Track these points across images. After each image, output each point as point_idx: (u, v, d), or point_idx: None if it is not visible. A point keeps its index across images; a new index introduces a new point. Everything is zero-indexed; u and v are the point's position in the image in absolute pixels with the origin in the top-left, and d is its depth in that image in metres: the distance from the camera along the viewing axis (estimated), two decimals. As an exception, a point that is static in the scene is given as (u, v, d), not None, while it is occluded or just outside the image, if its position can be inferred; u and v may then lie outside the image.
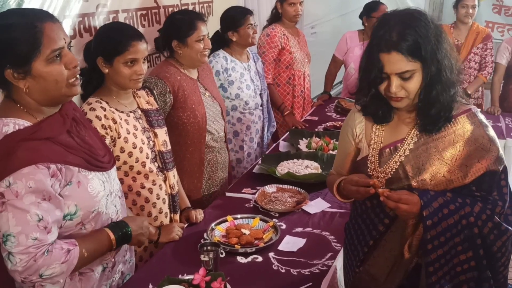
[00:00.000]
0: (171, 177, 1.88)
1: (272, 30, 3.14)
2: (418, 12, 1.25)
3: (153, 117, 1.84)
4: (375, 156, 1.37)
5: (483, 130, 1.29)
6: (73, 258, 1.22)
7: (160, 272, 1.58)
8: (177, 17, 2.19)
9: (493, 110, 3.52)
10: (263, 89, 2.87)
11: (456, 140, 1.28)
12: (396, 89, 1.24)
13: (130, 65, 1.67)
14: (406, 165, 1.31)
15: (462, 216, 1.24)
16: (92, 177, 1.29)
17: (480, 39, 3.57)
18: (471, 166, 1.27)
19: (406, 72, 1.22)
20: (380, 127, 1.38)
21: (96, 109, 1.65)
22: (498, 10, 5.46)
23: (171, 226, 1.83)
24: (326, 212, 2.01)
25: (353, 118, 1.44)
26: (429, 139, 1.30)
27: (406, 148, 1.32)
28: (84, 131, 1.33)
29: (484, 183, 1.28)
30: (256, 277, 1.59)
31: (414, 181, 1.30)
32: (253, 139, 2.85)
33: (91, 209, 1.28)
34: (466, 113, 1.30)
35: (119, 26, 1.85)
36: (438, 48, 1.22)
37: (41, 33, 1.15)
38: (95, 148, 1.33)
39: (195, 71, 2.27)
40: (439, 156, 1.28)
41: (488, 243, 1.26)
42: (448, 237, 1.25)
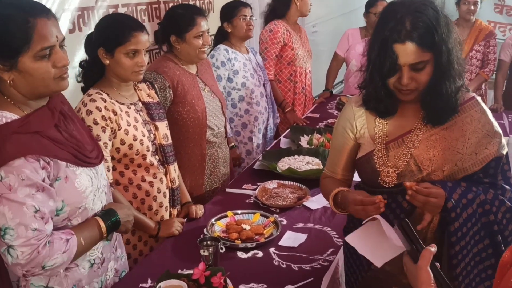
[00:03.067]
0: (172, 171, 1.85)
1: (275, 26, 3.12)
2: (429, 2, 1.23)
3: (154, 110, 1.82)
4: (382, 150, 1.33)
5: (487, 116, 1.30)
6: (72, 247, 1.21)
7: (159, 267, 1.56)
8: (176, 11, 2.17)
9: (496, 107, 3.50)
10: (266, 80, 2.88)
11: (465, 128, 1.27)
12: (407, 81, 1.22)
13: (132, 56, 1.65)
14: (418, 158, 1.29)
15: (478, 204, 1.23)
16: (80, 172, 1.27)
17: (482, 36, 3.55)
18: (481, 153, 1.26)
19: (420, 63, 1.20)
20: (383, 120, 1.35)
21: (97, 100, 1.63)
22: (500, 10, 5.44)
23: (171, 221, 1.81)
24: (328, 208, 1.99)
25: (351, 112, 1.40)
26: (438, 129, 1.29)
27: (415, 140, 1.30)
28: (72, 125, 1.31)
29: (490, 169, 1.28)
30: (256, 272, 1.57)
31: (427, 172, 1.28)
32: (260, 130, 2.85)
33: (78, 205, 1.26)
34: (471, 101, 1.30)
35: (121, 17, 1.82)
36: (449, 37, 1.21)
37: (33, 29, 1.12)
38: (82, 143, 1.31)
39: (194, 66, 2.25)
40: (449, 146, 1.27)
41: (501, 229, 1.26)
42: (469, 227, 1.24)
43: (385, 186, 1.34)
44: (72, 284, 1.31)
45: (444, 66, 1.22)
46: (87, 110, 1.60)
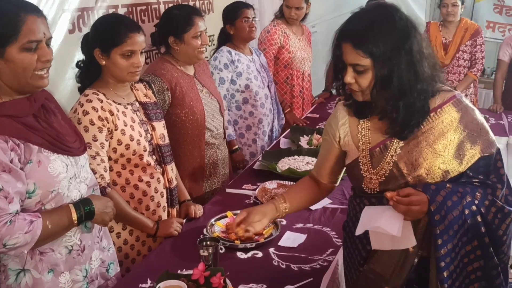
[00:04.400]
0: (169, 170, 1.85)
1: (273, 27, 3.13)
2: (389, 8, 1.21)
3: (151, 110, 1.81)
4: (366, 157, 1.34)
5: (471, 115, 1.27)
6: (36, 229, 1.24)
7: (158, 267, 1.55)
8: (173, 12, 2.16)
9: (496, 107, 3.49)
10: (270, 81, 2.87)
11: (445, 130, 1.25)
12: (349, 80, 1.22)
13: (128, 57, 1.64)
14: (400, 163, 1.28)
15: (464, 206, 1.20)
16: (55, 158, 1.30)
17: (468, 35, 3.54)
18: (465, 153, 1.24)
19: (357, 65, 1.20)
20: (365, 126, 1.35)
21: (93, 101, 1.62)
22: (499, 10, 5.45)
23: (170, 221, 1.81)
24: (327, 208, 1.99)
25: (336, 120, 1.41)
26: (418, 132, 1.26)
27: (397, 147, 1.29)
28: (54, 118, 1.35)
29: (480, 167, 1.25)
30: (256, 273, 1.57)
31: (410, 177, 1.27)
32: (265, 132, 2.85)
33: (50, 188, 1.29)
34: (451, 101, 1.27)
35: (117, 17, 1.82)
36: (398, 51, 1.17)
37: (23, 22, 1.21)
38: (63, 134, 1.35)
39: (192, 68, 2.24)
40: (431, 149, 1.25)
41: (493, 229, 1.23)
42: (455, 229, 1.21)
43: (369, 192, 1.35)
44: (48, 268, 1.33)
45: (385, 78, 1.18)
46: (84, 111, 1.60)
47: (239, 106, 2.74)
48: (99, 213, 1.40)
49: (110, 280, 1.54)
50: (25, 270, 1.31)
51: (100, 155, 1.63)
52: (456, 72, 3.59)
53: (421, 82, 1.21)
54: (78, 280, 1.41)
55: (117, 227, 1.77)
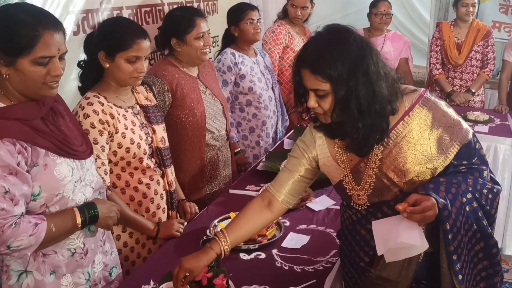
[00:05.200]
0: (169, 174, 1.85)
1: (277, 27, 3.14)
2: (343, 31, 1.21)
3: (152, 113, 1.81)
4: (348, 175, 1.34)
5: (441, 109, 1.29)
6: (40, 231, 1.24)
7: (161, 269, 1.55)
8: (175, 14, 2.16)
9: (501, 108, 3.47)
10: (274, 82, 2.86)
11: (422, 131, 1.26)
12: (312, 104, 1.23)
13: (132, 62, 1.64)
14: (388, 172, 1.28)
15: (461, 195, 1.23)
16: (61, 162, 1.31)
17: (481, 36, 3.55)
18: (446, 147, 1.26)
19: (318, 90, 1.21)
20: (342, 145, 1.34)
21: (94, 104, 1.62)
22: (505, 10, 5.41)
23: (171, 222, 1.81)
24: (331, 209, 1.98)
25: (312, 140, 1.39)
26: (398, 138, 1.27)
27: (376, 159, 1.29)
28: (61, 121, 1.36)
29: (463, 154, 1.28)
30: (259, 274, 1.56)
31: (403, 184, 1.28)
32: (269, 134, 2.83)
33: (55, 192, 1.29)
34: (420, 101, 1.28)
35: (124, 22, 1.82)
36: (355, 73, 1.17)
37: (39, 37, 1.22)
38: (70, 137, 1.36)
39: (195, 69, 2.24)
40: (414, 152, 1.26)
41: (487, 210, 1.27)
42: (461, 220, 1.23)
43: (360, 208, 1.35)
44: (50, 269, 1.34)
45: (344, 100, 1.19)
46: (85, 114, 1.60)
47: (243, 108, 2.73)
48: (103, 217, 1.40)
49: (112, 283, 1.54)
50: (27, 271, 1.31)
51: (100, 158, 1.63)
52: (469, 71, 3.60)
53: (379, 102, 1.21)
54: (80, 283, 1.41)
55: (117, 230, 1.77)
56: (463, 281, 1.26)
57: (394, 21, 6.80)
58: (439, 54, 3.65)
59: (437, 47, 3.66)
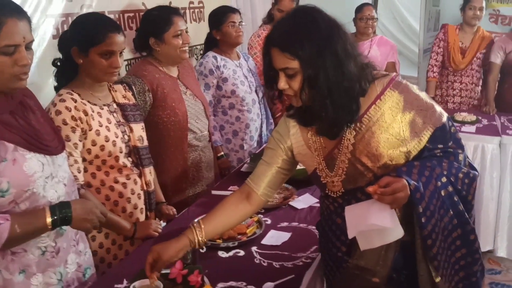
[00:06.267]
0: (147, 173, 1.82)
1: (263, 31, 3.15)
2: (312, 10, 1.21)
3: (129, 111, 1.79)
4: (322, 163, 1.33)
5: (412, 92, 1.28)
6: (2, 231, 1.20)
7: (136, 268, 1.51)
8: (152, 13, 2.15)
9: (488, 109, 3.48)
10: (258, 85, 2.84)
11: (394, 114, 1.25)
12: (282, 85, 1.21)
13: (106, 57, 1.63)
14: (361, 157, 1.27)
15: (436, 179, 1.21)
16: (31, 157, 1.27)
17: (484, 44, 3.64)
18: (420, 130, 1.25)
19: (287, 69, 1.20)
20: (315, 132, 1.33)
21: (66, 100, 1.60)
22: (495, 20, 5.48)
23: (148, 223, 1.78)
24: (314, 207, 1.95)
25: (286, 129, 1.37)
26: (370, 123, 1.26)
27: (348, 144, 1.28)
28: (32, 116, 1.33)
29: (438, 138, 1.26)
30: (236, 270, 1.53)
31: (377, 169, 1.26)
32: (253, 138, 2.81)
33: (24, 188, 1.25)
34: (391, 84, 1.27)
35: (97, 16, 1.81)
36: (323, 51, 1.17)
37: (2, 25, 1.18)
38: (41, 132, 1.32)
39: (175, 69, 2.22)
40: (387, 136, 1.25)
41: (464, 195, 1.25)
42: (435, 204, 1.21)
43: (335, 196, 1.33)
44: (19, 268, 1.29)
45: (312, 79, 1.18)
46: (56, 110, 1.58)
47: (226, 111, 2.71)
48: (78, 219, 1.32)
49: (86, 285, 1.49)
50: None
51: (73, 155, 1.60)
52: (469, 75, 3.67)
53: (348, 80, 1.20)
54: (52, 283, 1.36)
55: (92, 230, 1.73)
56: (439, 267, 1.23)
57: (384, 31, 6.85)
58: (440, 56, 3.69)
59: (439, 48, 3.69)
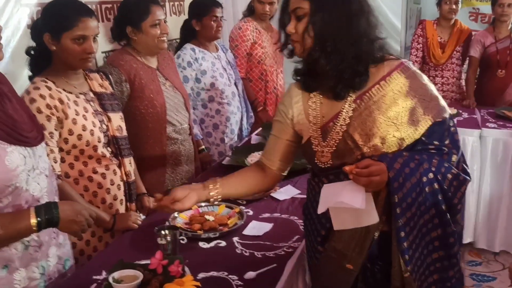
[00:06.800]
0: (127, 164, 1.78)
1: (244, 24, 3.12)
2: None
3: (107, 100, 1.75)
4: (318, 131, 1.31)
5: (419, 80, 1.27)
6: None
7: (114, 260, 1.46)
8: (130, 1, 2.11)
9: (469, 103, 3.52)
10: (237, 78, 2.81)
11: (396, 98, 1.24)
12: (290, 29, 1.23)
13: (79, 42, 1.58)
14: (354, 134, 1.26)
15: (422, 173, 1.18)
16: (12, 150, 1.22)
17: (463, 37, 3.66)
18: (418, 119, 1.23)
19: (298, 9, 1.21)
20: (317, 100, 1.32)
21: (41, 88, 1.56)
22: (475, 18, 5.56)
23: (127, 214, 1.75)
24: (296, 198, 1.94)
25: (289, 98, 1.37)
26: (370, 102, 1.25)
27: (345, 117, 1.27)
28: (8, 104, 1.26)
29: (434, 133, 1.24)
30: (217, 261, 1.50)
31: (366, 148, 1.25)
32: (233, 131, 2.78)
33: (7, 182, 1.20)
34: (399, 68, 1.27)
35: (68, 1, 1.76)
36: None
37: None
38: (19, 122, 1.26)
39: (155, 60, 2.19)
40: (384, 118, 1.23)
41: (449, 197, 1.21)
42: (414, 197, 1.18)
43: (322, 166, 1.31)
44: (2, 264, 1.25)
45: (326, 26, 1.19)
46: (31, 99, 1.53)
47: (205, 105, 2.67)
48: (66, 221, 1.27)
49: (65, 276, 1.45)
50: None
51: (49, 145, 1.55)
52: (450, 69, 3.69)
53: (355, 35, 1.20)
54: (34, 278, 1.32)
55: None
56: (409, 263, 1.20)
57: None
58: (420, 52, 3.71)
59: (419, 44, 3.72)
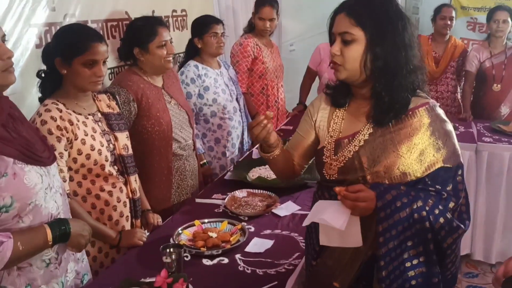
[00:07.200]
0: (133, 181, 1.84)
1: (244, 40, 3.19)
2: None
3: (114, 120, 1.81)
4: (332, 144, 1.35)
5: (439, 124, 1.28)
6: (6, 250, 1.18)
7: (122, 276, 1.53)
8: (137, 23, 2.18)
9: (465, 116, 3.58)
10: (239, 94, 2.88)
11: (412, 133, 1.26)
12: (335, 50, 1.24)
13: (89, 67, 1.65)
14: (362, 157, 1.29)
15: (414, 210, 1.19)
16: (29, 169, 1.27)
17: (458, 53, 3.72)
18: (426, 160, 1.24)
19: (347, 33, 1.22)
20: (340, 114, 1.37)
21: (52, 110, 1.62)
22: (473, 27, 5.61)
23: (133, 231, 1.80)
24: (296, 215, 1.99)
25: (319, 102, 1.43)
26: (386, 131, 1.27)
27: (361, 139, 1.30)
28: (21, 127, 1.32)
29: (439, 177, 1.24)
30: (220, 278, 1.55)
31: (369, 172, 1.28)
32: (235, 145, 2.84)
33: (27, 201, 1.25)
34: (425, 106, 1.28)
35: (79, 27, 1.83)
36: (391, 29, 1.21)
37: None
38: (33, 143, 1.32)
39: (160, 79, 2.25)
40: (394, 149, 1.25)
41: (439, 239, 1.22)
42: (400, 230, 1.20)
43: (328, 178, 1.35)
44: (25, 283, 1.29)
45: (379, 55, 1.21)
46: (42, 120, 1.59)
47: (207, 119, 2.74)
48: (76, 235, 1.35)
49: None
50: (1, 287, 1.25)
51: (58, 164, 1.60)
52: (444, 83, 3.76)
53: (411, 67, 1.24)
54: None
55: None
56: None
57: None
58: None
59: None
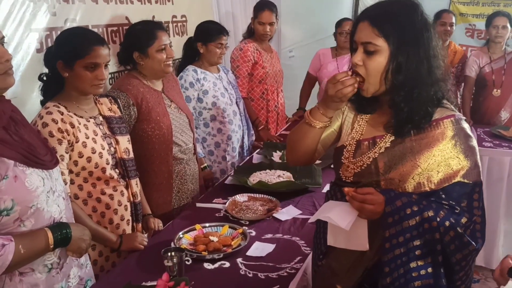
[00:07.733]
0: (134, 185, 1.83)
1: (245, 45, 3.20)
2: (412, 2, 1.23)
3: (115, 124, 1.81)
4: (352, 145, 1.33)
5: (463, 138, 1.24)
6: (7, 253, 1.17)
7: (123, 281, 1.52)
8: (136, 28, 2.18)
9: (465, 122, 3.58)
10: (238, 97, 2.88)
11: (433, 144, 1.22)
12: (357, 60, 1.21)
13: (91, 70, 1.64)
14: (379, 162, 1.27)
15: (425, 219, 1.17)
16: (31, 172, 1.26)
17: (457, 59, 3.73)
18: (443, 173, 1.21)
19: (370, 44, 1.19)
20: (364, 117, 1.36)
21: (53, 113, 1.61)
22: (471, 34, 5.65)
23: (134, 235, 1.79)
24: (297, 219, 1.98)
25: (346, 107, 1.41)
26: (407, 139, 1.24)
27: (383, 146, 1.28)
28: (23, 130, 1.32)
29: (454, 192, 1.21)
30: (222, 282, 1.54)
31: (383, 178, 1.26)
32: (235, 149, 2.83)
33: (29, 204, 1.24)
34: (450, 118, 1.25)
35: (81, 30, 1.83)
36: (415, 42, 1.18)
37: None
38: (34, 146, 1.31)
39: (160, 83, 2.25)
40: (412, 158, 1.23)
41: (447, 252, 1.19)
42: (407, 238, 1.18)
43: (343, 179, 1.34)
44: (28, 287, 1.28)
45: (401, 66, 1.18)
46: (43, 123, 1.59)
47: (207, 124, 2.73)
48: (76, 239, 1.35)
49: None
50: None
51: (59, 167, 1.60)
52: None
53: (434, 79, 1.21)
54: None
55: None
56: None
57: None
58: None
59: None
